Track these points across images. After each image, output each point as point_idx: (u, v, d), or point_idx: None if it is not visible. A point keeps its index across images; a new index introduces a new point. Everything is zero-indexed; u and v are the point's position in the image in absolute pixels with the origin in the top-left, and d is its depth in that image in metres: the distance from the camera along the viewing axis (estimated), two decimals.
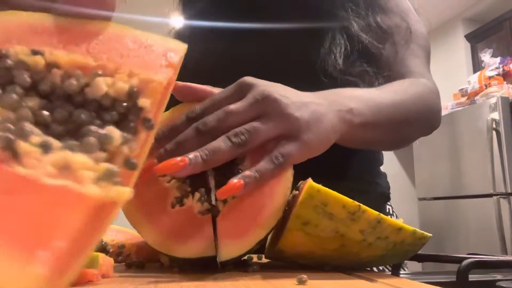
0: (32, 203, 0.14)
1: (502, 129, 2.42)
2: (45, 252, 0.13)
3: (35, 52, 0.20)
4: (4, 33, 0.20)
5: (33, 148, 0.16)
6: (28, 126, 0.18)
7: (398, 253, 0.38)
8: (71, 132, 0.19)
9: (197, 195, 0.36)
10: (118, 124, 0.20)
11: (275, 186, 0.36)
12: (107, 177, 0.16)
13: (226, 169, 0.38)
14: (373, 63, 0.63)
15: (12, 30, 0.20)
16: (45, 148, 0.16)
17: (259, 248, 0.44)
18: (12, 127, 0.17)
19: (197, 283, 0.29)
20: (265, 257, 0.45)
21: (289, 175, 0.38)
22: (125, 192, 0.16)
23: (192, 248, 0.34)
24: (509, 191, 2.37)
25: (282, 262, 0.42)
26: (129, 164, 0.19)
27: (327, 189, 0.35)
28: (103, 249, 0.40)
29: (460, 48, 3.55)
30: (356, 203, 0.35)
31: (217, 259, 0.34)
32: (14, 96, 0.19)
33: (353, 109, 0.44)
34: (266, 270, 0.37)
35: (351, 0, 0.66)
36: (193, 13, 0.73)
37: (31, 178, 0.15)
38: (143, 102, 0.20)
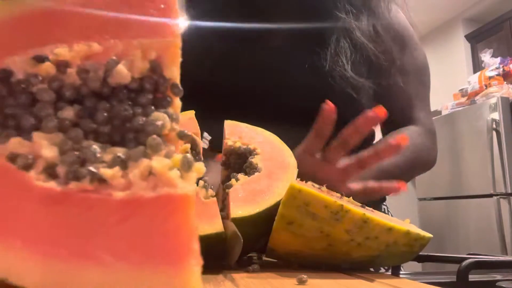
0: (148, 219, 0.16)
1: (502, 129, 2.42)
2: (192, 257, 0.15)
3: (39, 59, 0.19)
4: None
5: (114, 170, 0.17)
6: (90, 146, 0.17)
7: (394, 254, 0.38)
8: (117, 128, 0.19)
9: (201, 183, 0.39)
10: (153, 102, 0.20)
11: (283, 174, 0.42)
12: (186, 167, 0.17)
13: (235, 163, 0.45)
14: (371, 72, 0.64)
15: None
16: (122, 163, 0.17)
17: (259, 248, 0.44)
18: (77, 154, 0.17)
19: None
20: (266, 256, 0.45)
21: (294, 167, 0.43)
22: (201, 167, 0.17)
23: (199, 226, 0.35)
24: (509, 191, 2.37)
25: (282, 262, 0.42)
26: (183, 136, 0.19)
27: (308, 189, 0.35)
28: None
29: (460, 48, 3.55)
30: (339, 202, 0.35)
31: (225, 230, 0.36)
32: (57, 120, 0.18)
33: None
34: (266, 270, 0.37)
35: (352, 4, 0.67)
36: (194, 14, 0.73)
37: (133, 198, 0.16)
38: (169, 72, 0.20)
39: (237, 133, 0.47)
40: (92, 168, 0.17)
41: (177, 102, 0.20)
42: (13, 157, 0.17)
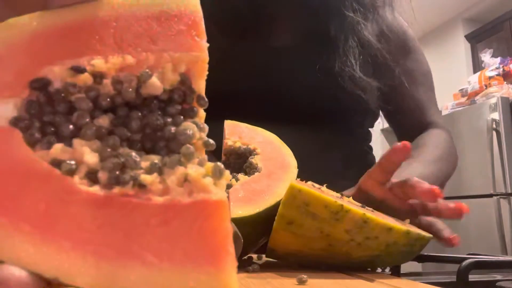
0: (187, 222, 0.17)
1: (502, 129, 2.42)
2: (229, 258, 0.17)
3: (77, 70, 0.19)
4: (25, 53, 0.19)
5: (153, 176, 0.18)
6: (129, 153, 0.19)
7: (394, 254, 0.38)
8: (149, 136, 0.20)
9: None
10: (181, 112, 0.21)
11: (283, 174, 0.42)
12: (218, 174, 0.18)
13: (235, 163, 0.46)
14: (378, 72, 0.64)
15: (26, 47, 0.19)
16: (159, 170, 0.18)
17: (259, 248, 0.44)
18: (119, 161, 0.18)
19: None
20: (266, 256, 0.45)
21: (294, 167, 0.43)
22: (229, 174, 0.19)
23: None
24: (509, 191, 2.37)
25: (282, 262, 0.42)
26: (208, 145, 0.20)
27: (308, 189, 0.35)
28: None
29: (460, 48, 3.55)
30: (339, 202, 0.35)
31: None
32: (96, 126, 0.19)
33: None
34: (266, 270, 0.37)
35: (359, 3, 0.66)
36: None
37: (171, 203, 0.17)
38: (197, 85, 0.21)
39: (237, 133, 0.47)
40: (133, 174, 0.18)
41: (202, 113, 0.21)
42: (57, 163, 0.18)
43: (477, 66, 3.37)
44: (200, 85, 0.21)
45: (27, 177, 0.17)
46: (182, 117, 0.20)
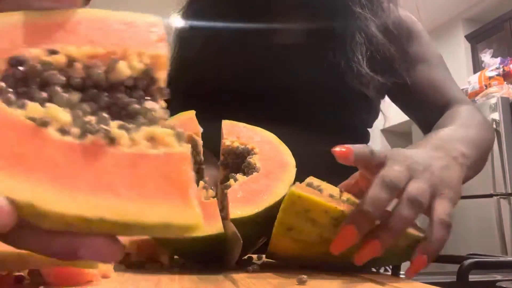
0: (154, 167, 0.20)
1: (502, 130, 2.42)
2: (193, 195, 0.20)
3: (52, 51, 0.22)
4: (7, 38, 0.22)
5: (122, 132, 0.21)
6: (103, 114, 0.21)
7: (394, 254, 0.38)
8: (115, 115, 0.22)
9: (201, 183, 0.40)
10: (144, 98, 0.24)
11: (281, 173, 0.42)
12: (180, 137, 0.21)
13: (233, 163, 0.45)
14: (386, 69, 0.63)
15: (7, 35, 0.22)
16: (127, 130, 0.21)
17: (259, 248, 0.44)
18: (92, 119, 0.21)
19: (197, 283, 0.29)
20: (266, 257, 0.45)
21: (292, 167, 0.43)
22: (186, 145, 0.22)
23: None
24: (509, 191, 2.37)
25: (282, 262, 0.42)
26: (180, 136, 0.22)
27: (308, 195, 0.35)
28: None
29: (460, 49, 3.55)
30: (339, 208, 0.34)
31: (223, 222, 0.36)
32: (67, 95, 0.22)
33: (464, 153, 0.46)
34: (266, 270, 0.37)
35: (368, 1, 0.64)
36: (201, 9, 0.71)
37: (139, 153, 0.20)
38: (159, 75, 0.23)
39: (235, 132, 0.46)
40: (104, 126, 0.20)
41: (163, 103, 0.24)
42: (31, 119, 0.20)
43: (477, 66, 3.37)
44: (162, 77, 0.23)
45: (2, 127, 0.19)
46: (146, 97, 0.23)
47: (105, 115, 0.21)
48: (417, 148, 0.45)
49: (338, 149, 0.37)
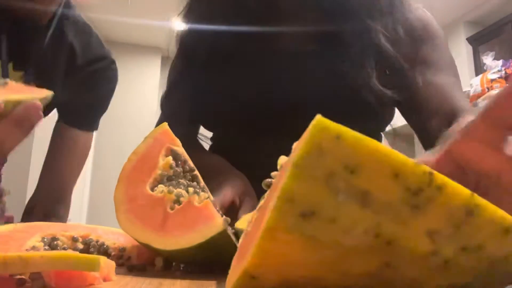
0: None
1: None
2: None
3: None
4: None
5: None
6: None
7: (490, 276, 0.19)
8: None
9: (191, 189, 0.39)
10: None
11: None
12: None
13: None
14: (394, 82, 0.60)
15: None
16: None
17: None
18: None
19: (199, 287, 0.29)
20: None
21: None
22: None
23: (202, 230, 0.35)
24: None
25: None
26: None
27: (355, 133, 0.16)
28: (104, 252, 0.40)
29: (462, 51, 3.55)
30: (427, 169, 0.17)
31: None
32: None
33: None
34: None
35: (376, 6, 0.61)
36: (205, 14, 0.67)
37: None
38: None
39: None
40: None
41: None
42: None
43: (479, 68, 3.37)
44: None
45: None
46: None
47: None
48: None
49: None
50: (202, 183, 0.43)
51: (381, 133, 0.73)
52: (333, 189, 0.16)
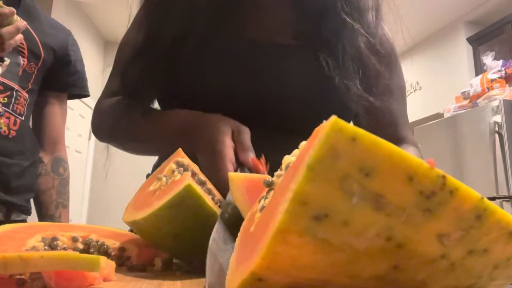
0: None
1: (504, 132, 2.41)
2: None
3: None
4: None
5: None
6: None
7: (493, 278, 0.20)
8: None
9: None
10: None
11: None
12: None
13: None
14: (368, 86, 0.61)
15: None
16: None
17: None
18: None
19: (198, 286, 0.29)
20: None
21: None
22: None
23: (171, 192, 0.35)
24: None
25: None
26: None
27: (369, 134, 0.16)
28: (104, 252, 0.40)
29: (462, 51, 3.55)
30: (440, 172, 0.17)
31: None
32: None
33: None
34: None
35: (352, 6, 0.62)
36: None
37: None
38: None
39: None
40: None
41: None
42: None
43: (479, 68, 3.37)
44: None
45: None
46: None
47: None
48: None
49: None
50: (218, 196, 0.42)
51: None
52: (347, 192, 0.16)
